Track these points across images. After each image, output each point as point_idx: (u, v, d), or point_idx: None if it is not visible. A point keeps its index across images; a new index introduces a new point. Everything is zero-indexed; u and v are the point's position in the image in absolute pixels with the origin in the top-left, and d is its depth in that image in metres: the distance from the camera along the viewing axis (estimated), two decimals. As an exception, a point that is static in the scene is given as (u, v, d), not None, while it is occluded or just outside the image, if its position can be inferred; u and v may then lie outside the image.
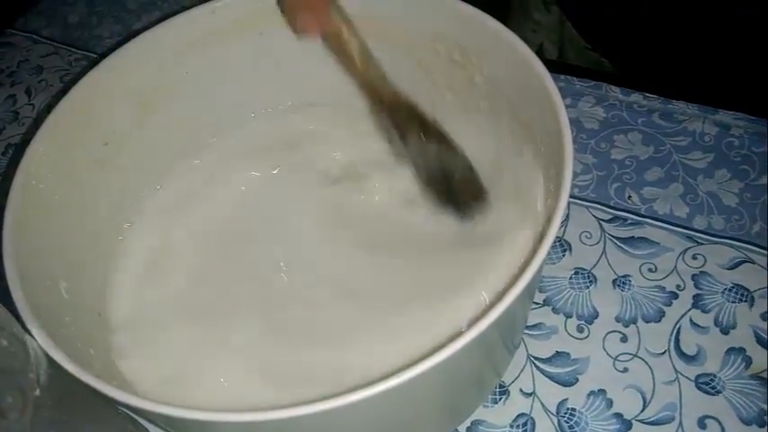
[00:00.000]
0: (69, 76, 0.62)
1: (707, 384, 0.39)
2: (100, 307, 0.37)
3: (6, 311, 0.26)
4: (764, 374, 0.39)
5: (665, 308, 0.42)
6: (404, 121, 0.38)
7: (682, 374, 0.40)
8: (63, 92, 0.39)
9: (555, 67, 0.59)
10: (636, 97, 0.53)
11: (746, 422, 0.38)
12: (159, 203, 0.44)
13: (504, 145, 0.40)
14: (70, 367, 0.27)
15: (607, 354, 0.41)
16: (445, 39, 0.39)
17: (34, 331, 0.28)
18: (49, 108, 0.39)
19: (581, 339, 0.42)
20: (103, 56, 0.40)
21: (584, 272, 0.44)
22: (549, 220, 0.30)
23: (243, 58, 0.44)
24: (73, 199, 0.37)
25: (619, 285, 0.43)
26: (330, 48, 0.37)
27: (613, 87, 0.54)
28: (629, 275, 0.44)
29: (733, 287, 0.42)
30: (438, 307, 0.37)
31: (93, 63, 0.40)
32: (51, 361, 0.28)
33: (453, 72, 0.41)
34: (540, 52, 0.69)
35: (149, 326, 0.38)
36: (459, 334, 0.27)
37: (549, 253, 0.29)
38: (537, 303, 0.43)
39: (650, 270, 0.44)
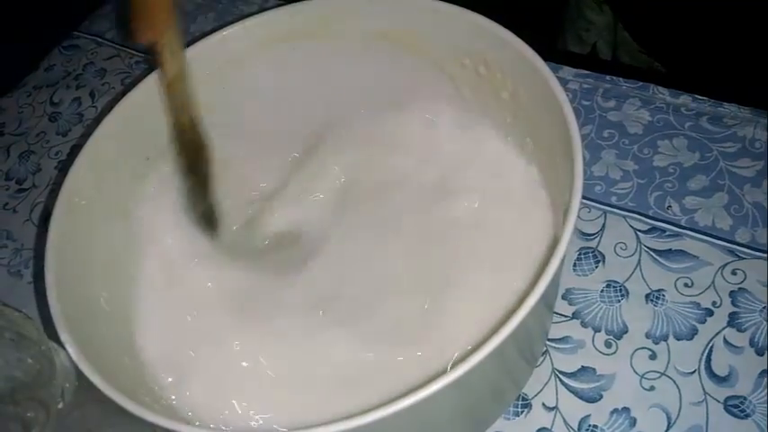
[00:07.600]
0: (130, 79, 0.65)
1: (736, 407, 0.38)
2: (136, 317, 0.40)
3: (38, 329, 0.28)
4: (799, 399, 0.38)
5: (698, 325, 0.41)
6: (184, 147, 0.42)
7: (710, 396, 0.39)
8: (122, 94, 0.41)
9: (604, 66, 0.58)
10: (684, 99, 0.51)
11: (775, 448, 0.37)
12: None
13: (528, 161, 0.40)
14: (97, 381, 0.30)
15: (634, 371, 0.40)
16: (470, 53, 0.39)
17: (67, 344, 0.31)
18: (109, 110, 0.41)
19: (608, 355, 0.41)
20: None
21: (616, 285, 0.44)
22: (556, 242, 0.30)
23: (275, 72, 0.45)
24: (115, 213, 0.40)
25: (652, 300, 0.43)
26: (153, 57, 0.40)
27: (661, 89, 0.52)
28: (663, 290, 0.43)
29: (773, 306, 0.41)
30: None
31: (143, 75, 0.42)
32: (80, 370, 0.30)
33: (480, 86, 0.41)
34: (593, 52, 0.68)
35: (185, 334, 0.40)
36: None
37: (579, 265, 0.28)
38: (565, 316, 0.43)
39: (686, 285, 0.43)
